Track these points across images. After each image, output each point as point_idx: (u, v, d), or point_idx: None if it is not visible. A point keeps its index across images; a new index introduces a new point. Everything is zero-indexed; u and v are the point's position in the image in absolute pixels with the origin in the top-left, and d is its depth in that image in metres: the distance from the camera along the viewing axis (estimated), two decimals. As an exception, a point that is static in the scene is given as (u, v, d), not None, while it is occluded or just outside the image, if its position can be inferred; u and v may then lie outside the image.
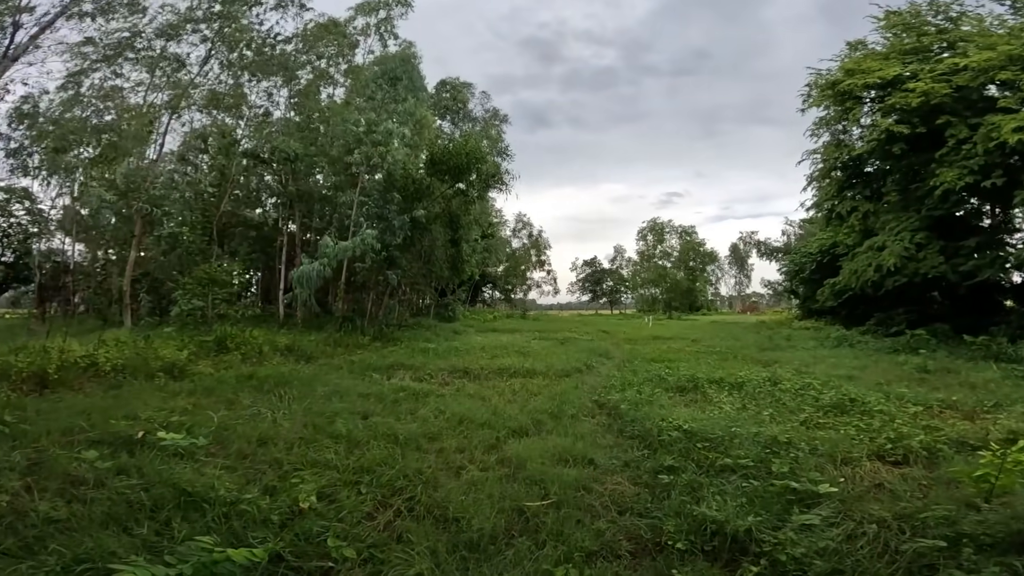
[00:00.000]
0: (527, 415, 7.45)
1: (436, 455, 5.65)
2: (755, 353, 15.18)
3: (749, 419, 6.76)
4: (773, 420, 6.85)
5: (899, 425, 6.36)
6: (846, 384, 9.34)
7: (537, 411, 7.72)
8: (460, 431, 6.58)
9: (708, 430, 5.97)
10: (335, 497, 4.28)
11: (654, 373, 10.34)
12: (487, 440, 6.20)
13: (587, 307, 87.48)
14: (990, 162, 13.72)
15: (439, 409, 7.78)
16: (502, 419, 7.13)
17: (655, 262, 56.74)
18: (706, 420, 6.53)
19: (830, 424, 6.76)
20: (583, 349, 16.01)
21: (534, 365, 12.00)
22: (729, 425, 6.24)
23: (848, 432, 6.27)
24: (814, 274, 28.62)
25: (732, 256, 76.26)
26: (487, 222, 47.63)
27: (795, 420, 6.93)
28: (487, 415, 7.35)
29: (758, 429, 6.12)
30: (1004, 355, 12.27)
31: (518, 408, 7.98)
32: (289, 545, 3.45)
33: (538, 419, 7.29)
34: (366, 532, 3.76)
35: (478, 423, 6.98)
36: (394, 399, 8.60)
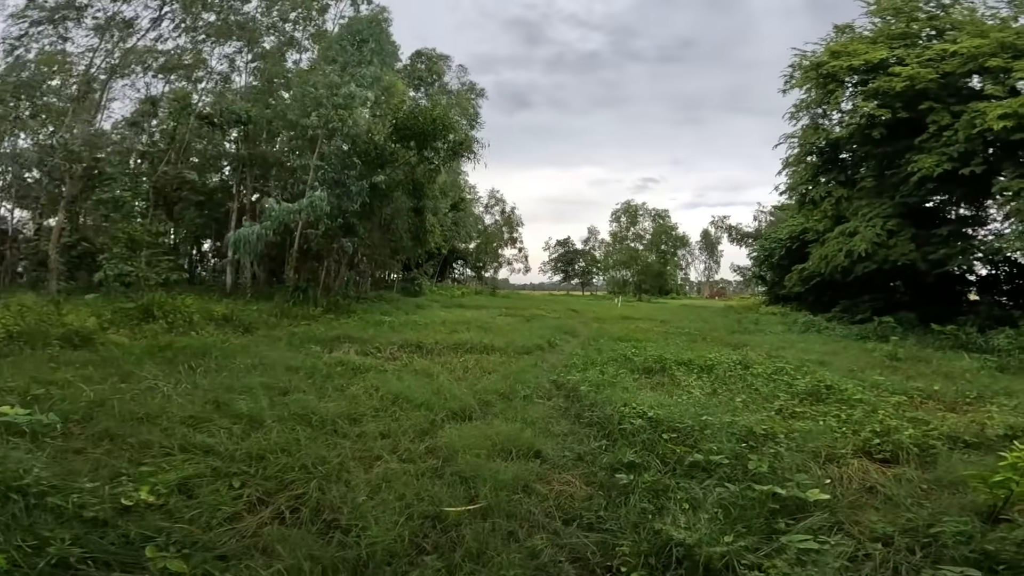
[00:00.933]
0: (475, 395, 6.58)
1: (353, 441, 4.72)
2: (724, 336, 14.69)
3: (721, 406, 6.04)
4: (746, 407, 6.15)
5: (883, 416, 5.74)
6: (819, 369, 8.79)
7: (487, 391, 6.85)
8: (391, 413, 5.67)
9: (676, 418, 5.20)
10: (198, 491, 3.30)
11: (620, 353, 9.60)
12: (420, 424, 5.30)
13: (559, 287, 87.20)
14: (970, 150, 13.37)
15: (374, 386, 6.84)
16: (444, 399, 6.24)
17: (627, 244, 56.45)
18: (674, 406, 5.77)
19: (807, 413, 6.11)
20: (549, 327, 15.24)
21: (494, 341, 11.12)
22: (699, 413, 5.49)
23: (829, 423, 5.62)
24: (783, 260, 28.56)
25: (703, 242, 76.90)
26: (458, 195, 46.33)
27: (770, 408, 6.26)
28: (428, 394, 6.44)
29: (731, 418, 5.39)
30: (974, 345, 12.05)
31: (467, 387, 7.09)
32: (94, 550, 2.48)
33: (486, 400, 6.43)
34: (222, 538, 2.82)
35: (415, 403, 6.07)
36: (326, 374, 7.62)
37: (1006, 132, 12.24)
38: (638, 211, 56.28)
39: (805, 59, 17.44)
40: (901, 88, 14.18)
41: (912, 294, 19.94)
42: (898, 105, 14.66)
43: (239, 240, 14.48)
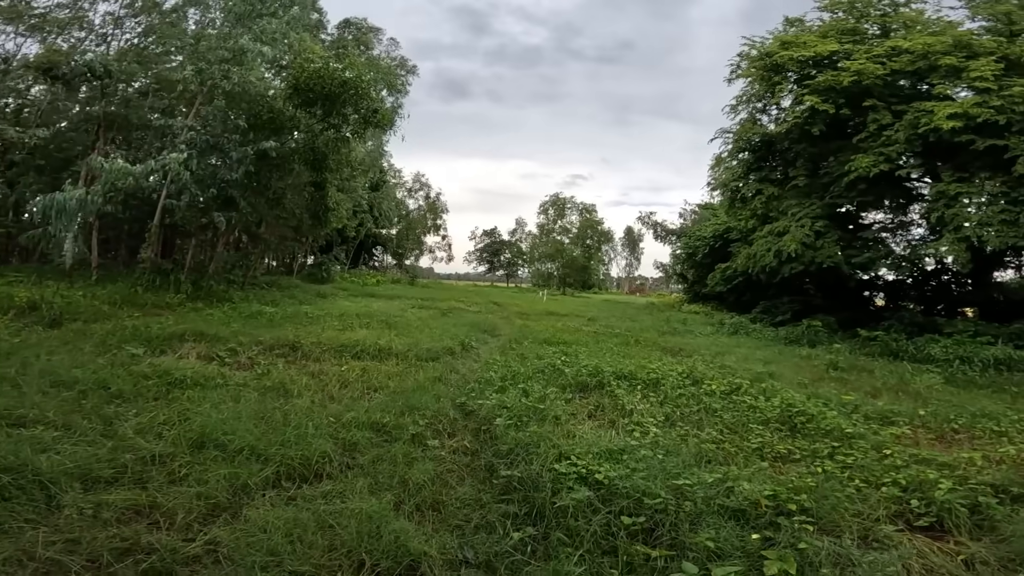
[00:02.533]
0: (338, 432, 4.43)
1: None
2: (656, 337, 13.44)
3: (688, 450, 4.33)
4: (721, 450, 4.49)
5: (893, 459, 4.32)
6: (774, 384, 7.49)
7: (359, 424, 4.72)
8: (173, 470, 3.38)
9: (636, 485, 3.36)
10: None
11: (548, 362, 7.77)
12: (213, 495, 3.07)
13: (484, 278, 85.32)
14: (908, 151, 13.02)
15: (183, 414, 4.48)
16: (284, 440, 4.03)
17: (554, 237, 55.65)
18: (628, 456, 3.96)
19: (796, 454, 4.58)
20: (466, 323, 13.19)
21: (394, 342, 8.91)
22: (665, 467, 3.72)
23: (832, 470, 4.08)
24: (706, 258, 28.55)
25: (626, 238, 78.28)
26: (378, 175, 42.83)
27: (746, 447, 4.66)
28: (261, 432, 4.19)
29: (711, 475, 3.66)
30: (905, 353, 11.59)
31: (332, 416, 4.90)
32: None
33: (352, 442, 4.30)
34: None
35: (232, 449, 3.81)
36: (121, 392, 5.10)
37: (951, 134, 11.92)
38: (566, 204, 55.66)
39: (754, 48, 16.69)
40: (848, 83, 13.64)
41: (824, 297, 20.16)
42: (841, 101, 14.15)
43: (49, 207, 10.91)
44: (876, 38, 14.76)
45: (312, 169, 18.24)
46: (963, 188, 12.28)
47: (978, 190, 12.02)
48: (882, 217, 17.29)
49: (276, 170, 16.75)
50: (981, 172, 12.14)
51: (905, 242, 17.15)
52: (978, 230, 11.78)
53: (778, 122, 16.84)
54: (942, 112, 11.85)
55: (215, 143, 15.24)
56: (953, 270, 18.73)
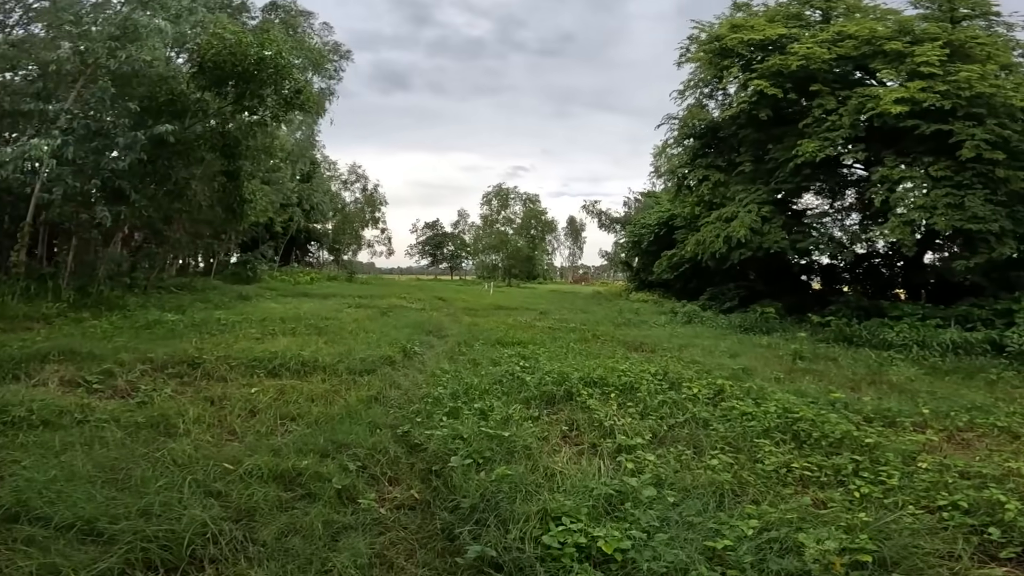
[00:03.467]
0: (231, 488, 3.17)
1: None
2: (613, 330, 12.73)
3: (700, 484, 3.41)
4: (736, 479, 3.61)
5: (932, 474, 3.63)
6: (752, 382, 6.84)
7: (264, 472, 3.48)
8: None
9: (660, 557, 2.37)
10: None
11: (505, 369, 6.70)
12: None
13: (427, 272, 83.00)
14: (853, 136, 12.99)
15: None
16: (146, 507, 2.76)
17: (498, 228, 54.60)
18: (632, 506, 2.97)
19: (821, 476, 3.79)
20: (409, 323, 11.87)
21: (322, 352, 7.53)
22: (684, 516, 2.77)
23: (874, 494, 3.33)
24: (651, 246, 28.50)
25: (568, 228, 78.60)
26: (309, 165, 39.94)
27: (763, 471, 3.82)
28: (112, 493, 2.88)
29: (746, 524, 2.75)
30: (859, 338, 11.48)
31: (229, 460, 3.61)
32: None
33: (251, 505, 3.06)
34: None
35: (59, 523, 2.53)
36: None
37: (896, 119, 11.90)
38: (509, 195, 54.68)
39: (704, 31, 16.29)
40: (796, 67, 13.47)
41: (766, 283, 20.43)
42: (788, 86, 14.00)
43: None
44: (818, 24, 14.71)
45: (223, 157, 16.09)
46: (907, 173, 12.36)
47: (922, 175, 12.11)
48: (820, 202, 17.53)
49: (178, 158, 14.55)
50: (924, 157, 12.24)
51: (840, 227, 17.50)
52: (923, 214, 11.86)
53: (725, 107, 16.60)
54: (888, 97, 11.83)
55: (98, 128, 12.90)
56: (884, 254, 19.54)
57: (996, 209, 11.36)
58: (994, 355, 9.81)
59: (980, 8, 12.72)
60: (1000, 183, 11.44)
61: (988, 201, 11.41)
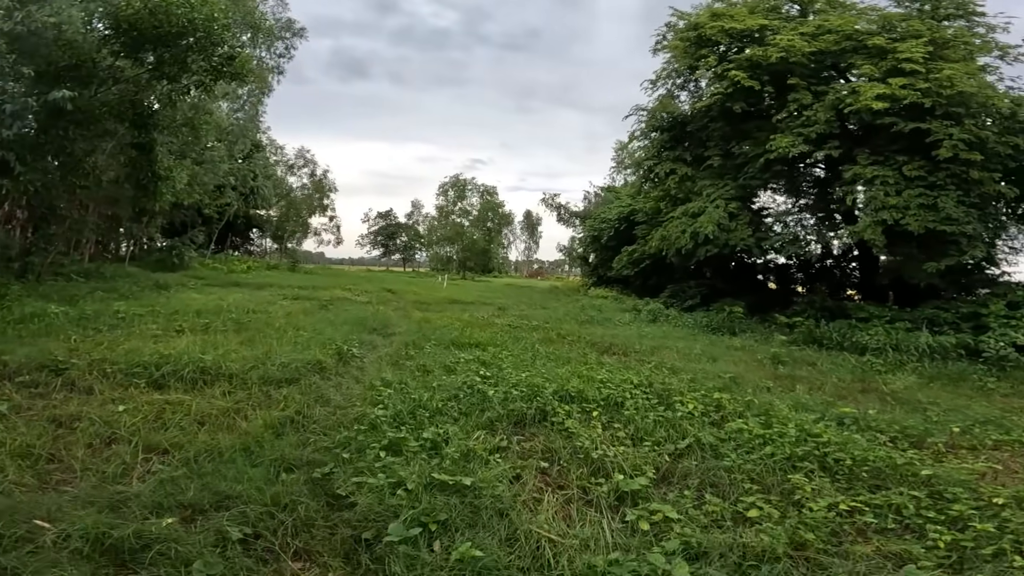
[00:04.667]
0: (16, 569, 1.81)
1: None
2: (578, 329, 11.76)
3: (756, 555, 2.36)
4: (795, 541, 2.59)
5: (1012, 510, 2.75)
6: (752, 396, 5.96)
7: (91, 538, 2.14)
8: None
9: None
10: None
11: (463, 379, 5.47)
12: None
13: (379, 263, 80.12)
14: (827, 132, 12.56)
15: None
16: None
17: (453, 219, 52.88)
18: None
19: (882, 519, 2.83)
20: (350, 319, 10.40)
21: (232, 355, 6.07)
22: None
23: (961, 542, 2.39)
24: (611, 241, 27.93)
25: (525, 222, 77.76)
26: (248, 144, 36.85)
27: (814, 521, 2.83)
28: None
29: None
30: (830, 340, 11.02)
31: (39, 516, 2.22)
32: None
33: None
34: None
35: None
36: None
37: (872, 115, 11.53)
38: (467, 186, 53.02)
39: (682, 18, 15.52)
40: (776, 59, 12.93)
41: (724, 281, 20.18)
42: (766, 78, 13.47)
43: None
44: (796, 18, 14.24)
45: (134, 127, 13.90)
46: (879, 171, 12.01)
47: (894, 174, 11.78)
48: (781, 200, 17.30)
49: (79, 128, 12.36)
50: (898, 156, 11.93)
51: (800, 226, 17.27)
52: (895, 214, 11.53)
53: (696, 99, 15.96)
54: (869, 92, 11.40)
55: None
56: (838, 255, 19.65)
57: (969, 211, 11.16)
58: (970, 360, 9.50)
59: (964, 8, 12.54)
60: (974, 185, 11.24)
61: (960, 203, 11.18)
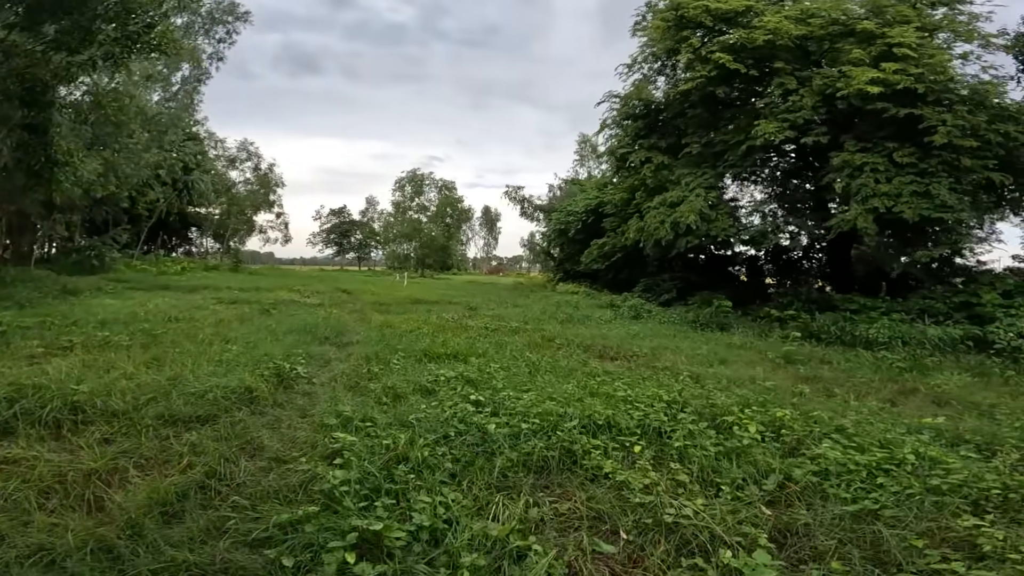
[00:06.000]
0: None
1: None
2: (561, 330, 10.54)
3: None
4: None
5: None
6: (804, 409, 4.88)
7: None
8: None
9: None
10: None
11: (450, 407, 4.07)
12: None
13: (332, 262, 76.57)
14: (813, 118, 11.92)
15: None
16: None
17: (411, 215, 50.62)
18: None
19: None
20: (296, 326, 8.71)
21: (122, 382, 4.43)
22: None
23: None
24: (579, 234, 26.92)
25: (483, 218, 76.15)
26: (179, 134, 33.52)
27: None
28: None
29: None
30: (827, 335, 10.32)
31: None
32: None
33: None
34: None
35: None
36: None
37: (864, 101, 10.96)
38: (424, 181, 50.85)
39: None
40: (762, 41, 12.23)
41: (697, 273, 19.59)
42: (750, 62, 12.72)
43: None
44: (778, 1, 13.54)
45: (24, 106, 11.59)
46: (868, 158, 11.43)
47: (884, 161, 11.23)
48: (753, 190, 16.75)
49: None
50: (888, 142, 11.39)
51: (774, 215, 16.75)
52: (887, 201, 10.95)
53: (672, 85, 15.08)
54: (863, 76, 10.78)
55: None
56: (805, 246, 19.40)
57: (962, 198, 10.70)
58: (977, 351, 8.94)
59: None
60: (965, 172, 10.79)
61: (952, 190, 10.71)
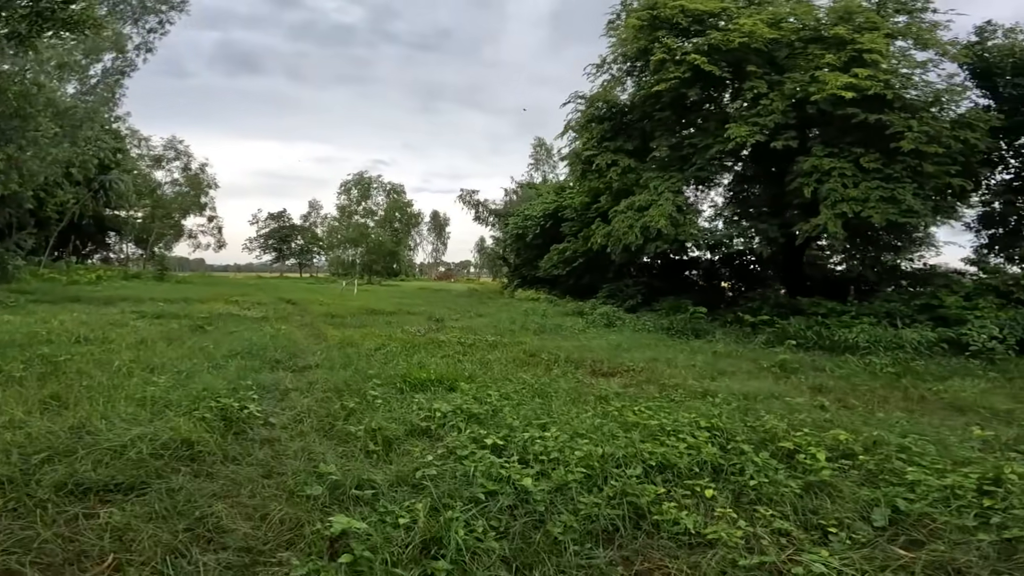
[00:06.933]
0: None
1: None
2: (540, 342, 9.80)
3: None
4: None
5: None
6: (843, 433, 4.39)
7: None
8: None
9: None
10: None
11: (469, 460, 3.17)
12: None
13: (271, 269, 72.31)
14: (784, 122, 11.91)
15: None
16: None
17: (357, 219, 48.30)
18: None
19: None
20: (239, 347, 7.40)
21: (9, 428, 3.23)
22: None
23: None
24: (537, 239, 26.41)
25: (432, 223, 74.39)
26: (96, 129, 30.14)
27: None
28: None
29: None
30: (804, 339, 10.16)
31: None
32: None
33: None
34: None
35: None
36: None
37: (833, 106, 11.02)
38: (372, 184, 48.66)
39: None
40: (738, 44, 12.15)
41: (660, 279, 19.55)
42: (724, 65, 12.58)
43: None
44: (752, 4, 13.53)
45: None
46: (835, 163, 11.53)
47: (851, 166, 11.35)
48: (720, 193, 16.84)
49: None
50: (853, 147, 11.53)
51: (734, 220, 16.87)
52: (854, 206, 11.05)
53: (641, 88, 14.81)
54: (835, 81, 10.82)
55: None
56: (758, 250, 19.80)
57: (925, 203, 10.94)
58: (953, 354, 9.01)
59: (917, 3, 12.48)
60: (927, 178, 11.06)
61: (916, 195, 10.93)
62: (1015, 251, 13.17)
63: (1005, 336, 8.82)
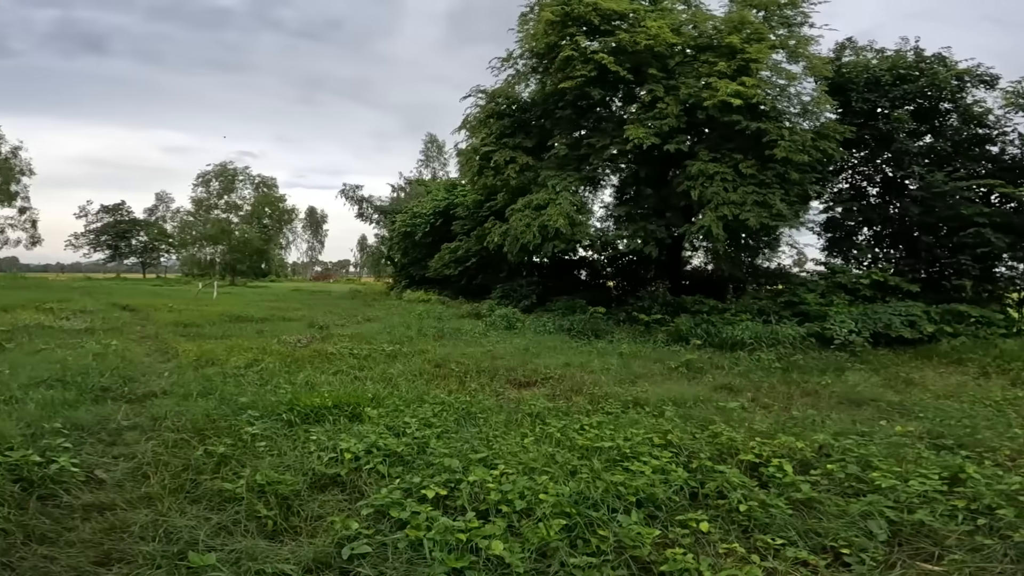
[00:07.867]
0: None
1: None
2: (443, 350, 9.01)
3: None
4: None
5: None
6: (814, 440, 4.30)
7: None
8: None
9: None
10: None
11: (409, 521, 2.34)
12: None
13: (104, 269, 61.21)
14: (678, 126, 12.43)
15: None
16: None
17: (217, 214, 42.40)
18: None
19: None
20: (48, 372, 5.51)
21: None
22: None
23: None
24: (426, 238, 25.30)
25: (308, 220, 68.62)
26: None
27: None
28: None
29: None
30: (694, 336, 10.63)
31: None
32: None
33: None
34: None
35: None
36: None
37: (720, 112, 11.70)
38: (237, 176, 42.94)
39: None
40: (644, 46, 12.34)
41: (552, 279, 19.74)
42: (628, 66, 12.76)
43: None
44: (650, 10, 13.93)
45: None
46: (719, 168, 12.32)
47: (732, 171, 12.19)
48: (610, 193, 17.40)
49: None
50: (734, 153, 12.38)
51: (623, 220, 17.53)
52: (734, 209, 11.88)
53: (550, 83, 14.64)
54: (726, 89, 11.49)
55: None
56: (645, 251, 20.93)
57: (790, 207, 12.09)
58: (821, 347, 9.95)
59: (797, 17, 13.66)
60: (793, 185, 12.23)
61: (783, 200, 12.04)
62: (851, 253, 15.27)
63: (860, 330, 10.00)
